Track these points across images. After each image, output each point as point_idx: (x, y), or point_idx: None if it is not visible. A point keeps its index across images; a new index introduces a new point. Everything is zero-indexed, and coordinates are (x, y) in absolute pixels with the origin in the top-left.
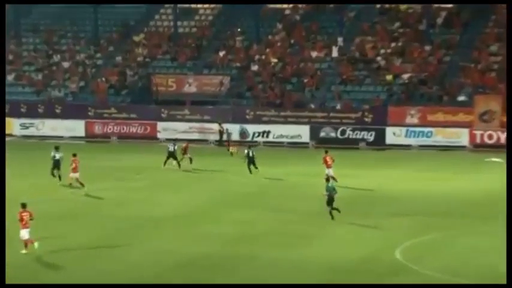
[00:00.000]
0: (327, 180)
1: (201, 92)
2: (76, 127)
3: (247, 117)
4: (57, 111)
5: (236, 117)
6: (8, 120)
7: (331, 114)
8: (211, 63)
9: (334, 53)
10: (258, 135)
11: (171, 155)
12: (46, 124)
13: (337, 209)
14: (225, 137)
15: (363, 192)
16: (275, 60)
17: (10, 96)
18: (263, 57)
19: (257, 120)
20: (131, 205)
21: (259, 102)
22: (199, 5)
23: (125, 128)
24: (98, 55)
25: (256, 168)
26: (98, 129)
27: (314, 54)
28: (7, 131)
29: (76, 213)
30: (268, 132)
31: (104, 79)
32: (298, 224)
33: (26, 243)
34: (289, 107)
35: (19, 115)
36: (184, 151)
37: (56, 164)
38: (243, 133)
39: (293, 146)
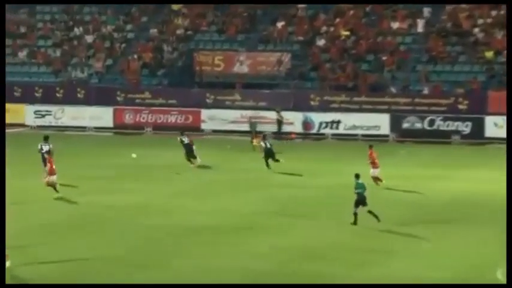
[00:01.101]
0: (357, 176)
1: (255, 72)
2: (102, 115)
3: (312, 103)
4: (80, 96)
5: (298, 103)
6: (19, 106)
7: (417, 100)
8: (267, 36)
9: (420, 24)
10: (326, 126)
11: (189, 148)
12: (66, 112)
13: (373, 213)
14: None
15: (455, 197)
16: (346, 33)
17: (22, 77)
18: (331, 29)
19: (324, 107)
20: (166, 212)
21: (327, 85)
22: None
23: (162, 117)
24: (129, 27)
25: (278, 161)
26: (128, 118)
27: (395, 25)
28: (18, 120)
29: (95, 222)
30: (338, 122)
31: (135, 56)
32: (373, 236)
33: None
34: (364, 91)
35: (33, 101)
36: None
37: (44, 159)
38: (307, 123)
39: (369, 139)
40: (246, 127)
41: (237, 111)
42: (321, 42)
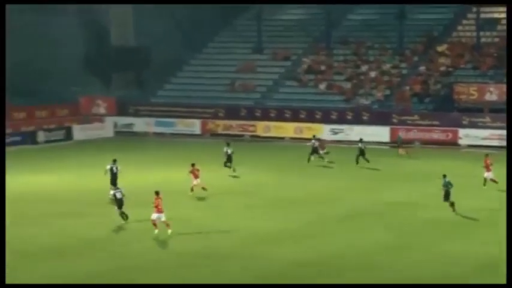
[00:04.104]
0: (444, 176)
1: (502, 100)
2: (381, 133)
3: None
4: (364, 118)
5: None
6: (319, 126)
7: None
8: None
9: None
10: None
11: (315, 150)
12: (354, 130)
13: (453, 203)
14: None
15: None
16: None
17: (322, 104)
18: None
19: None
20: (424, 208)
21: None
22: (502, 15)
23: (427, 134)
24: (403, 65)
25: (367, 160)
26: (402, 135)
27: None
28: (317, 135)
29: (361, 214)
30: None
31: (407, 88)
32: None
33: (154, 224)
34: None
35: (330, 121)
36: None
37: (229, 159)
38: None
39: None
40: (494, 143)
41: (486, 130)
42: None
